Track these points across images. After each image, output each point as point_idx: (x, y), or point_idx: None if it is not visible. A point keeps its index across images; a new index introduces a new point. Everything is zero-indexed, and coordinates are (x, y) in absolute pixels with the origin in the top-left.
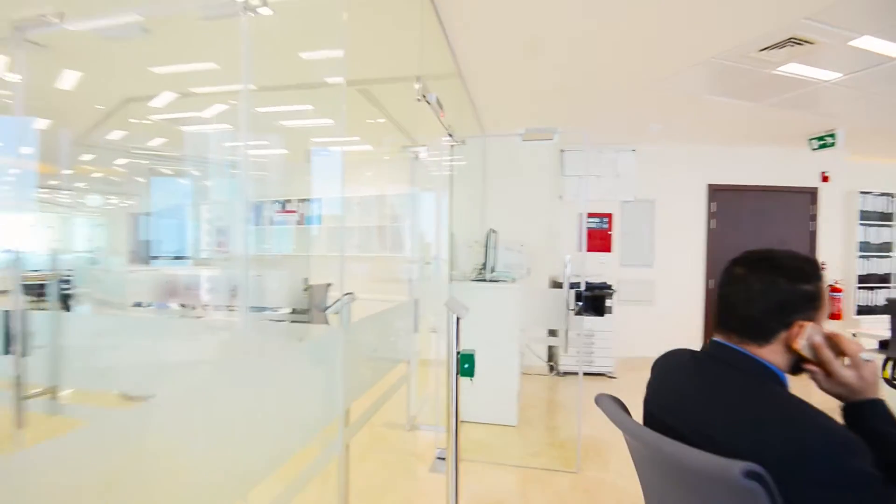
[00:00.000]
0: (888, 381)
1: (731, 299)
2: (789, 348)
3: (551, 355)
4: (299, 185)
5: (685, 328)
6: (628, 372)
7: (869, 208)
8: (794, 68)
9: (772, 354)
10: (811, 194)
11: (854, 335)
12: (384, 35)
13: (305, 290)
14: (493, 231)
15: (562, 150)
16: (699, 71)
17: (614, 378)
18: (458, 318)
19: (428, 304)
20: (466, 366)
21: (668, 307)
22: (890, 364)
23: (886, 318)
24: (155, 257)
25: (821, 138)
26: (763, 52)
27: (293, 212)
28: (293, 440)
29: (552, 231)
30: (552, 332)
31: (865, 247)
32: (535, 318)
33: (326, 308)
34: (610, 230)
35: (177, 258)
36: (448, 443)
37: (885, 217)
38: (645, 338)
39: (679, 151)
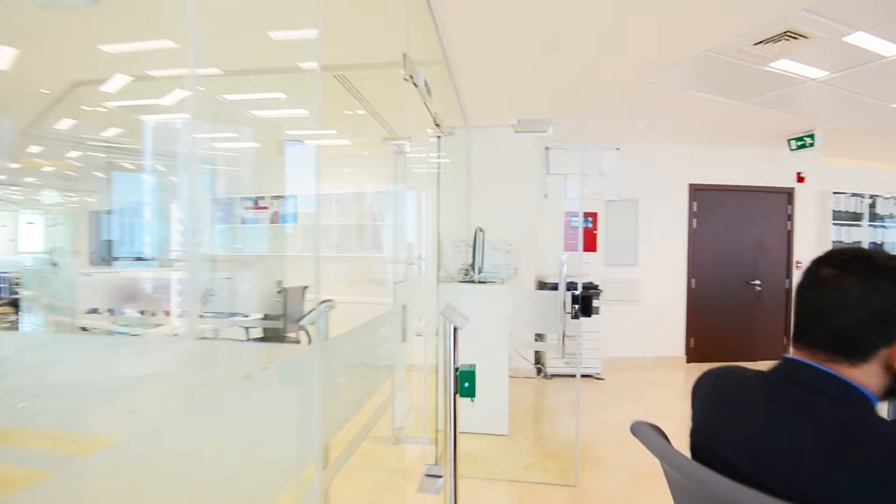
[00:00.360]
0: None
1: (817, 306)
2: (890, 369)
3: (538, 358)
4: (272, 181)
5: (669, 328)
6: (615, 372)
7: (842, 208)
8: (784, 65)
9: (866, 377)
10: (788, 194)
11: None
12: (365, 14)
13: (280, 292)
14: (481, 230)
15: (546, 148)
16: (690, 66)
17: (602, 380)
18: (455, 329)
19: (412, 307)
20: (467, 384)
21: (652, 307)
22: None
23: None
24: (117, 258)
25: (800, 139)
26: (757, 46)
27: (264, 208)
28: (258, 495)
29: (537, 230)
30: (539, 337)
31: (838, 246)
32: (528, 321)
33: (301, 318)
34: (595, 229)
35: (139, 259)
36: (445, 476)
37: (856, 217)
38: (630, 338)
39: (662, 151)
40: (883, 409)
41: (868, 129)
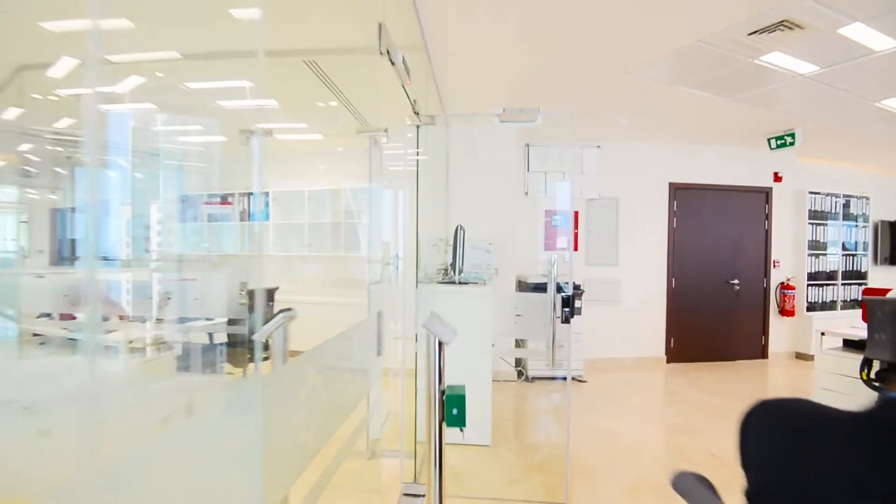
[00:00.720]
0: (867, 383)
1: None
2: None
3: (519, 360)
4: (241, 177)
5: (649, 328)
6: (596, 374)
7: (817, 208)
8: (775, 58)
9: None
10: (765, 194)
11: (823, 334)
12: None
13: (247, 294)
14: (462, 228)
15: (527, 145)
16: (679, 58)
17: (584, 382)
18: (440, 344)
19: (389, 310)
20: (455, 411)
21: (632, 306)
22: (867, 365)
23: (835, 313)
24: (78, 258)
25: (780, 137)
26: (752, 35)
27: (228, 204)
28: None
29: (518, 229)
30: (519, 343)
31: (814, 245)
32: (513, 326)
33: (255, 334)
34: (576, 228)
35: (103, 259)
36: None
37: (831, 216)
38: (610, 338)
39: (643, 149)
40: None
41: (848, 128)
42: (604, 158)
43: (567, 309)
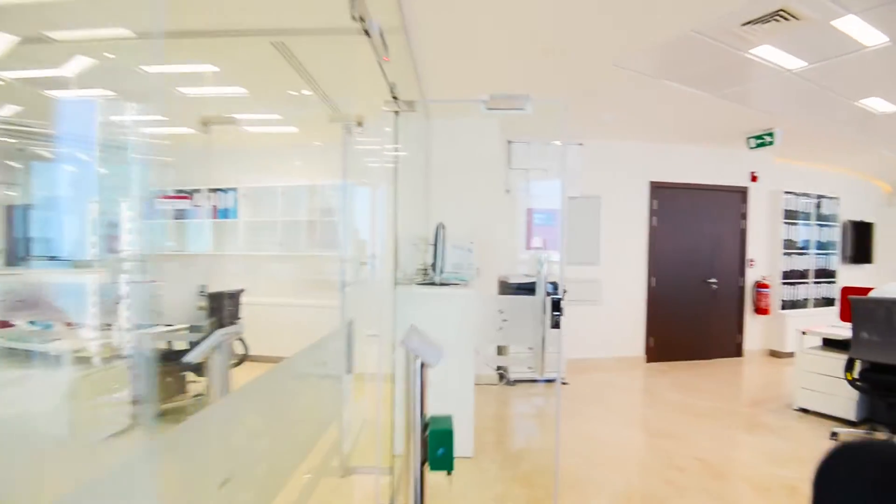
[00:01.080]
0: (852, 383)
1: None
2: None
3: (500, 348)
4: (207, 172)
5: (629, 328)
6: (577, 375)
7: (791, 208)
8: (764, 51)
9: None
10: (742, 193)
11: (804, 333)
12: None
13: (209, 297)
14: (443, 226)
15: (509, 141)
16: (667, 50)
17: (566, 384)
18: (422, 366)
19: (364, 313)
20: (441, 451)
21: (613, 306)
22: (851, 366)
23: (807, 311)
24: (29, 258)
25: (759, 137)
26: (746, 26)
27: (185, 198)
28: None
29: (500, 227)
30: (500, 350)
31: (788, 244)
32: (499, 330)
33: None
34: (557, 227)
35: (52, 259)
36: None
37: (805, 216)
38: (591, 339)
39: (624, 148)
40: None
41: (825, 127)
42: (586, 156)
43: (558, 313)
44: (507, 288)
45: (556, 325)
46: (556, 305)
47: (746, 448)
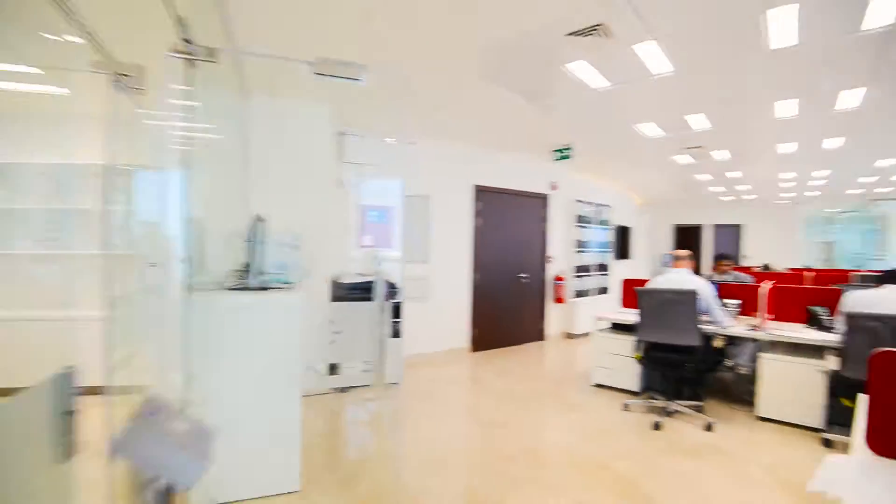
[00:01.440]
0: (640, 362)
1: None
2: None
3: (333, 366)
4: None
5: (456, 321)
6: (410, 371)
7: (581, 213)
8: (579, 67)
9: None
10: (544, 199)
11: (599, 320)
12: None
13: None
14: (261, 219)
15: (341, 133)
16: (500, 50)
17: (397, 384)
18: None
19: (138, 329)
20: None
21: (441, 302)
22: (639, 346)
23: (591, 299)
24: None
25: (561, 150)
26: (569, 37)
27: None
28: None
29: (331, 223)
30: (333, 368)
31: (578, 244)
32: (334, 346)
33: None
34: (390, 224)
35: None
36: None
37: (589, 221)
38: (421, 334)
39: (453, 150)
40: None
41: (609, 146)
42: (417, 156)
43: (398, 319)
44: (341, 289)
45: (396, 333)
46: (397, 312)
47: (561, 427)
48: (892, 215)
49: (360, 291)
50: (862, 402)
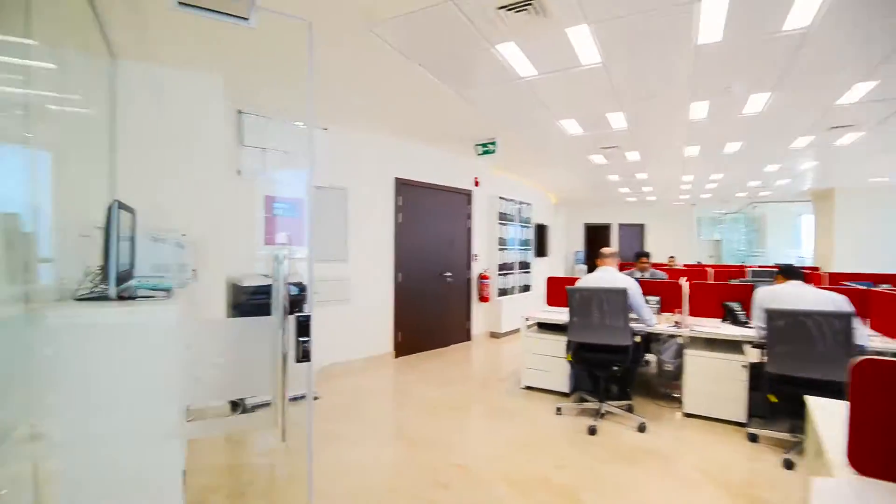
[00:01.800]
0: (572, 364)
1: None
2: None
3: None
4: None
5: (378, 325)
6: (329, 382)
7: (503, 211)
8: (508, 49)
9: None
10: (468, 195)
11: (527, 320)
12: None
13: None
14: (124, 208)
15: (240, 112)
16: (424, 19)
17: (318, 398)
18: None
19: None
20: None
21: (362, 304)
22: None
23: (514, 297)
24: None
25: (485, 145)
26: (501, 10)
27: None
28: None
29: (228, 216)
30: (236, 405)
31: (501, 241)
32: (219, 380)
33: None
34: (302, 219)
35: None
36: None
37: (512, 219)
38: (342, 340)
39: (371, 140)
40: None
41: (531, 141)
42: (331, 143)
43: (306, 339)
44: (241, 293)
45: (304, 356)
46: (304, 328)
47: (496, 439)
48: (769, 216)
49: (264, 296)
50: (827, 415)
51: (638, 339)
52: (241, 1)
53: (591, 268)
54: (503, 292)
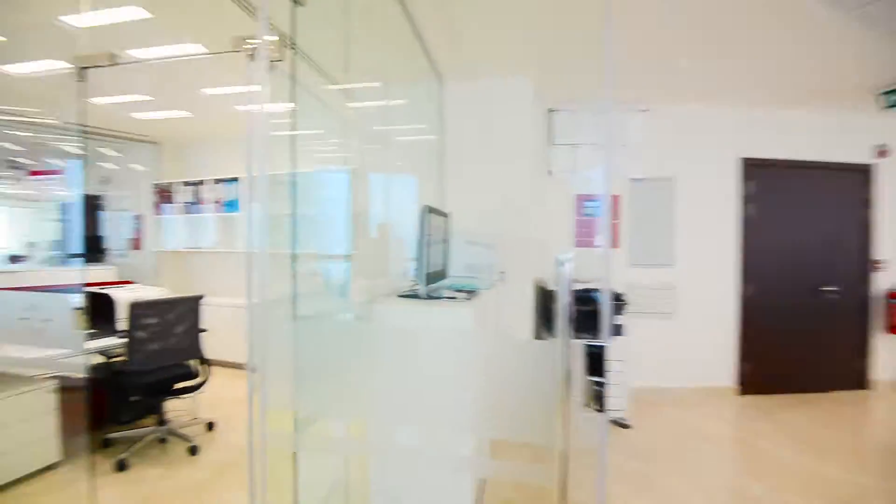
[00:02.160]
0: None
1: None
2: None
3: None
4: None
5: (714, 347)
6: (644, 410)
7: None
8: None
9: None
10: (863, 173)
11: None
12: None
13: None
14: (435, 211)
15: (550, 110)
16: None
17: (628, 427)
18: None
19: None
20: None
21: (692, 321)
22: None
23: None
24: None
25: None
26: None
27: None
28: None
29: (539, 218)
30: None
31: None
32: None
33: None
34: (616, 218)
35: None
36: None
37: None
38: (663, 362)
39: (705, 114)
40: None
41: None
42: (652, 126)
43: (600, 382)
44: (548, 297)
45: (597, 401)
46: (597, 363)
47: None
48: None
49: (581, 304)
50: None
51: None
52: None
53: None
54: None
